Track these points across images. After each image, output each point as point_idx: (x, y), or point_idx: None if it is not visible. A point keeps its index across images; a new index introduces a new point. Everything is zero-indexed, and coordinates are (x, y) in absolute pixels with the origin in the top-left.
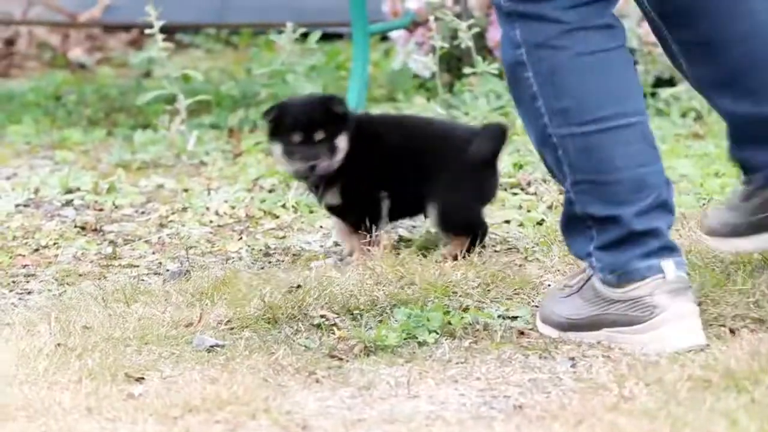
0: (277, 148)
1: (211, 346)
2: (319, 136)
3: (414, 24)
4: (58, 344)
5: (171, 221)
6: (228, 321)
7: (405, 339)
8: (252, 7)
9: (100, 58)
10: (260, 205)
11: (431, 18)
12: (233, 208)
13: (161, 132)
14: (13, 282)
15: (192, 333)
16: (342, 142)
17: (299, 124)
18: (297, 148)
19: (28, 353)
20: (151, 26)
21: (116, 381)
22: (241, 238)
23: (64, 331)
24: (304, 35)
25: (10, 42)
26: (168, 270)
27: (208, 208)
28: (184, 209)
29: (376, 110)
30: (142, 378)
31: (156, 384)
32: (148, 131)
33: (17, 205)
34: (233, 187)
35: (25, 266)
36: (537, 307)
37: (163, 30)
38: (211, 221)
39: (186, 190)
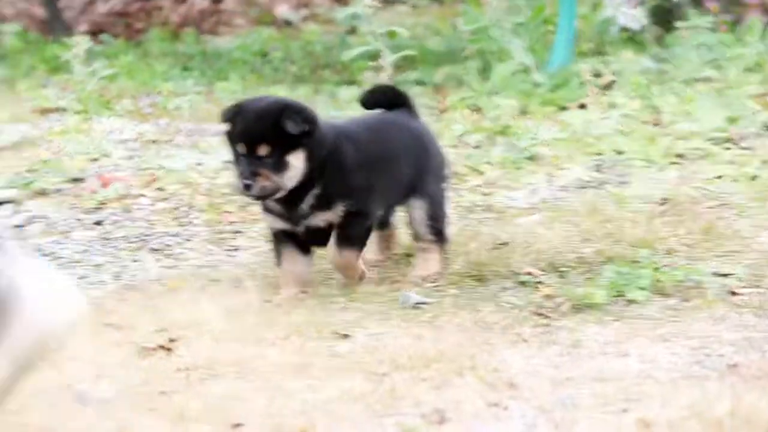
0: (228, 155)
1: (417, 304)
2: (263, 151)
3: None
4: (265, 300)
5: None
6: (434, 279)
7: (613, 297)
8: None
9: (305, 14)
10: (465, 162)
11: None
12: None
13: (366, 88)
14: (221, 239)
15: (398, 290)
16: (297, 160)
17: (244, 134)
18: (239, 160)
19: (235, 309)
20: None
21: (323, 337)
22: None
23: (271, 288)
24: None
25: None
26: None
27: None
28: None
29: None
30: (348, 335)
31: (362, 341)
32: (353, 87)
33: (224, 162)
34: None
35: (231, 223)
36: (750, 264)
37: None
38: None
39: None
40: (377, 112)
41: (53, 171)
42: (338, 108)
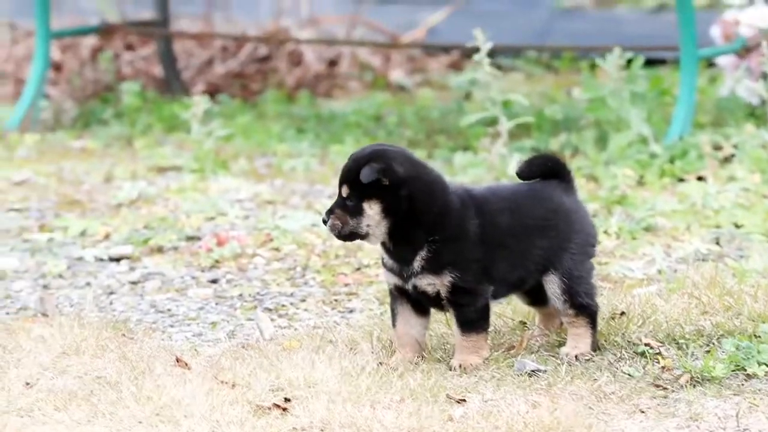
0: None
1: (533, 371)
2: (344, 191)
3: (745, 49)
4: (380, 363)
5: None
6: (550, 346)
7: (733, 371)
8: (574, 32)
9: (419, 80)
10: None
11: (764, 43)
12: None
13: (481, 155)
14: (336, 300)
15: (513, 357)
16: (371, 209)
17: (340, 172)
18: (336, 199)
19: (350, 371)
20: (473, 49)
21: (438, 402)
22: None
23: (386, 350)
24: (627, 60)
25: (332, 63)
26: None
27: None
28: None
29: (687, 141)
30: (464, 400)
31: (477, 406)
32: (468, 153)
33: None
34: None
35: (346, 285)
36: None
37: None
38: None
39: None
40: (529, 182)
41: (170, 228)
42: (452, 174)
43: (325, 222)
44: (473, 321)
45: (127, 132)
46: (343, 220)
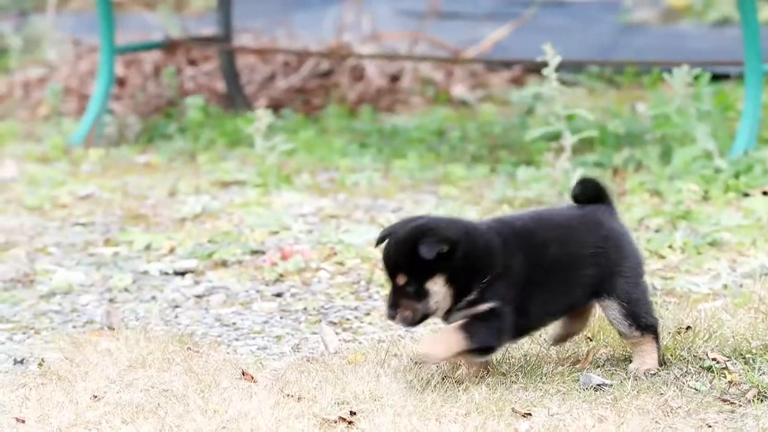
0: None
1: (598, 385)
2: (401, 280)
3: None
4: (445, 377)
5: None
6: (616, 360)
7: None
8: (638, 47)
9: (481, 95)
10: (646, 245)
11: None
12: None
13: (544, 169)
14: None
15: (578, 371)
16: (436, 285)
17: (386, 263)
18: (390, 289)
19: (415, 385)
20: (536, 64)
21: (503, 416)
22: None
23: (450, 364)
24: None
25: (395, 78)
26: None
27: None
28: None
29: (752, 156)
30: (529, 414)
31: (543, 420)
32: (531, 168)
33: None
34: None
35: None
36: None
37: (546, 67)
38: None
39: None
40: (579, 207)
41: (234, 242)
42: (516, 188)
43: (392, 317)
44: (478, 334)
45: (190, 147)
46: (412, 308)
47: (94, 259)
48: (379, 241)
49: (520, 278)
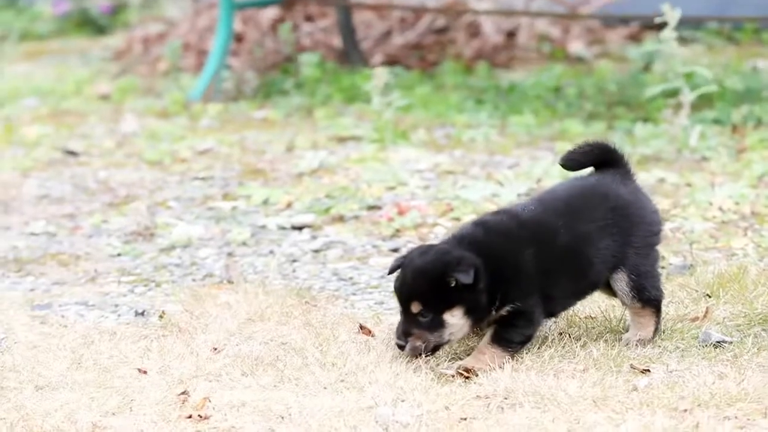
0: None
1: (718, 342)
2: (416, 308)
3: None
4: (561, 333)
5: (673, 215)
6: (735, 317)
7: None
8: (757, 3)
9: (598, 51)
10: (766, 202)
11: None
12: (737, 204)
13: (662, 126)
14: None
15: (698, 328)
16: (453, 317)
17: (400, 290)
18: (401, 317)
19: (534, 340)
20: (653, 20)
21: (621, 372)
22: (746, 235)
23: (569, 320)
24: None
25: (511, 34)
26: (671, 264)
27: (711, 204)
28: (687, 204)
29: None
30: (648, 370)
31: (662, 376)
32: (649, 125)
33: (519, 195)
34: (737, 183)
35: None
36: None
37: (665, 24)
38: (714, 216)
39: (688, 185)
40: (584, 178)
41: (351, 198)
42: (633, 145)
43: (402, 347)
44: (511, 341)
45: (307, 102)
46: (424, 338)
47: (212, 213)
48: (392, 270)
49: (536, 270)
